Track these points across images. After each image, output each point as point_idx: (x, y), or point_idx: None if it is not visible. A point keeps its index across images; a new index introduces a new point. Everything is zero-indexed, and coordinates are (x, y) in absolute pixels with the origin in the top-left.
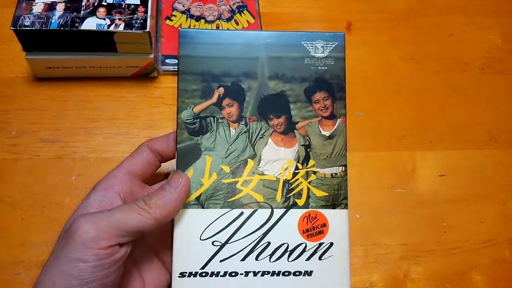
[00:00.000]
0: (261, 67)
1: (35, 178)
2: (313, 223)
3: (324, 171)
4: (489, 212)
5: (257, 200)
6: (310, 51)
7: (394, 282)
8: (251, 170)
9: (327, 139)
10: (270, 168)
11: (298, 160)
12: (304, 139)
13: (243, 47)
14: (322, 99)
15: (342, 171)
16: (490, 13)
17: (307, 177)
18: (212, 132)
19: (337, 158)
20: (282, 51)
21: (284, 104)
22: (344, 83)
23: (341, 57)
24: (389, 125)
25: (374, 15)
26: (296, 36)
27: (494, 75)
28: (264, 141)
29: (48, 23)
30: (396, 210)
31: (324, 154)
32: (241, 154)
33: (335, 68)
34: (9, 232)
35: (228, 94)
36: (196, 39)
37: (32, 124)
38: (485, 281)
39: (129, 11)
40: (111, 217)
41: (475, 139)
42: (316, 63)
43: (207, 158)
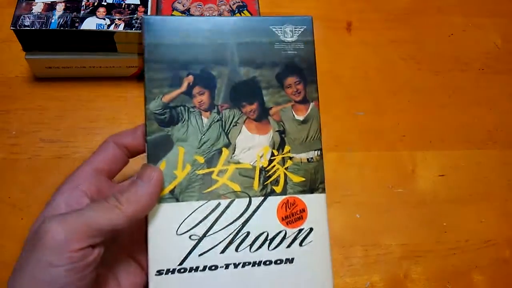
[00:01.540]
0: (231, 53)
1: (35, 178)
2: (292, 210)
3: (300, 156)
4: (489, 212)
5: (234, 189)
6: (280, 36)
7: (394, 282)
8: (226, 159)
9: (301, 124)
10: (246, 156)
11: (274, 146)
12: (278, 124)
13: (211, 34)
14: (294, 83)
15: (318, 155)
16: (490, 13)
17: (283, 163)
18: (183, 122)
19: (312, 142)
20: (251, 36)
21: (256, 90)
22: (314, 66)
23: (310, 41)
24: (389, 125)
25: (374, 15)
26: (264, 21)
27: (494, 75)
28: (238, 128)
29: (48, 23)
30: (396, 210)
31: (299, 139)
32: (215, 143)
33: (305, 52)
34: (9, 232)
35: (198, 82)
36: (162, 27)
37: (32, 124)
38: (485, 281)
39: (129, 11)
40: (81, 216)
41: (475, 139)
42: (286, 47)
43: (179, 149)
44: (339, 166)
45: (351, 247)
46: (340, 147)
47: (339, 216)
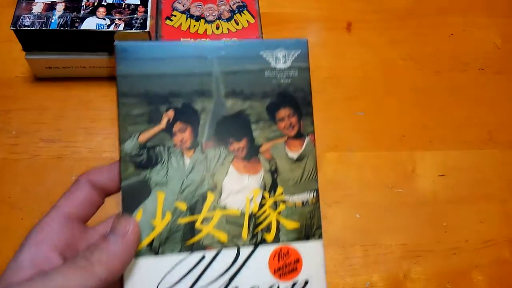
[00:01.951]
0: (216, 83)
1: (35, 178)
2: (285, 260)
3: (294, 198)
4: (489, 212)
5: (220, 239)
6: (271, 62)
7: (394, 282)
8: (212, 204)
9: (296, 162)
10: (233, 200)
11: (265, 188)
12: (269, 163)
13: (194, 61)
14: (287, 116)
15: (314, 197)
16: (490, 14)
17: (275, 207)
18: (163, 164)
19: (308, 183)
20: (238, 63)
21: (245, 125)
22: (310, 96)
23: (305, 67)
24: (389, 125)
25: (374, 15)
26: (253, 45)
27: (494, 75)
28: (224, 169)
29: (48, 23)
30: (396, 210)
31: (293, 179)
32: (199, 187)
33: (299, 80)
34: (9, 232)
35: (180, 117)
36: (137, 54)
37: (32, 124)
38: (485, 281)
39: (129, 11)
40: (47, 284)
41: (475, 139)
42: (278, 75)
43: (158, 195)
44: (339, 166)
45: (351, 247)
46: (340, 147)
47: (339, 216)
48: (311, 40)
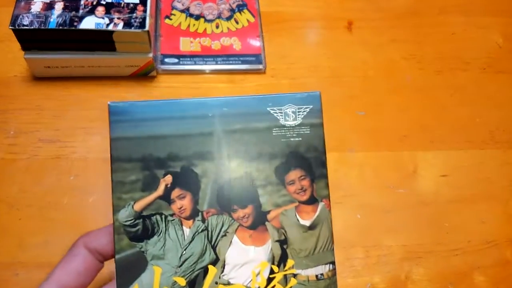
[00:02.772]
0: (218, 144)
1: (33, 178)
2: None
3: (307, 272)
4: (491, 212)
5: None
6: (279, 119)
7: (396, 283)
8: (214, 279)
9: (308, 230)
10: (238, 274)
11: (273, 261)
12: (278, 232)
13: (193, 120)
14: (298, 179)
15: (330, 270)
16: (492, 13)
17: (285, 283)
18: (160, 235)
19: (322, 254)
20: (243, 121)
21: (251, 189)
22: (324, 156)
23: (318, 124)
24: (390, 125)
25: (375, 14)
26: (259, 100)
27: (495, 75)
28: (228, 239)
29: (46, 22)
30: (398, 210)
31: (305, 250)
32: (200, 260)
33: (311, 137)
34: (7, 232)
35: (178, 183)
36: (132, 115)
37: (31, 124)
38: (488, 282)
39: (128, 10)
40: None
41: (476, 139)
42: (287, 133)
43: (155, 270)
44: (340, 166)
45: (352, 248)
46: (341, 147)
47: (340, 217)
48: (311, 40)
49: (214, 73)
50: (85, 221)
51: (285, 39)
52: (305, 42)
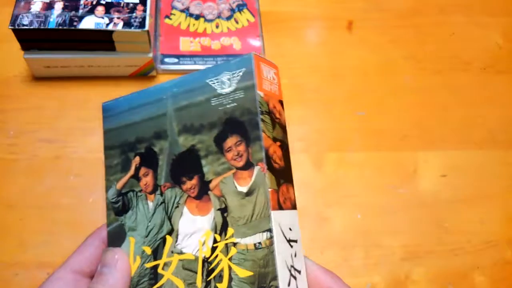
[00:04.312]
0: (170, 123)
1: (33, 178)
2: None
3: (245, 241)
4: (491, 212)
5: (178, 287)
6: (217, 89)
7: (396, 283)
8: (170, 249)
9: (245, 197)
10: (188, 244)
11: (216, 229)
12: (219, 201)
13: (153, 105)
14: (234, 145)
15: (268, 239)
16: (492, 13)
17: (227, 252)
18: (133, 209)
19: (260, 221)
20: (188, 97)
21: (195, 161)
22: (258, 117)
23: (250, 86)
24: (390, 125)
25: (375, 14)
26: (199, 75)
27: (495, 75)
28: (179, 211)
29: (46, 22)
30: (398, 210)
31: (243, 217)
32: (160, 231)
33: (245, 101)
34: (8, 232)
35: (143, 162)
36: (115, 109)
37: (31, 124)
38: (487, 282)
39: (128, 10)
40: None
41: (476, 139)
42: (224, 101)
43: (130, 240)
44: (340, 167)
45: (352, 248)
46: (341, 147)
47: (340, 217)
48: (311, 39)
49: None
50: (85, 221)
51: (285, 39)
52: (305, 42)
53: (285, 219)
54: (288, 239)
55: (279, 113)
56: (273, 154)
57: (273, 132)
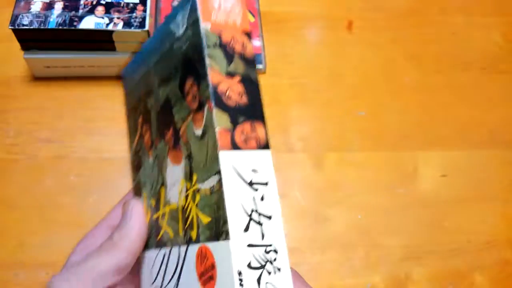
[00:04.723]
0: (153, 77)
1: (33, 178)
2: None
3: (204, 186)
4: (491, 212)
5: (170, 236)
6: (175, 32)
7: (396, 283)
8: (163, 200)
9: (201, 139)
10: (172, 194)
11: (186, 177)
12: (186, 147)
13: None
14: (190, 87)
15: (217, 182)
16: (492, 13)
17: (194, 199)
18: (143, 166)
19: (212, 164)
20: (160, 48)
21: (169, 111)
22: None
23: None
24: (390, 125)
25: (375, 14)
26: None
27: (496, 75)
28: (166, 162)
29: (46, 22)
30: (398, 210)
31: (202, 161)
32: (157, 183)
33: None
34: (8, 232)
35: (144, 121)
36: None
37: (31, 124)
38: (487, 282)
39: (128, 10)
40: (83, 267)
41: (476, 139)
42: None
43: (144, 195)
44: (340, 167)
45: (352, 248)
46: (341, 147)
47: (340, 217)
48: (311, 39)
49: None
50: (85, 221)
51: (285, 39)
52: (305, 42)
53: (244, 160)
54: (248, 181)
55: (242, 45)
56: (226, 91)
57: (229, 67)
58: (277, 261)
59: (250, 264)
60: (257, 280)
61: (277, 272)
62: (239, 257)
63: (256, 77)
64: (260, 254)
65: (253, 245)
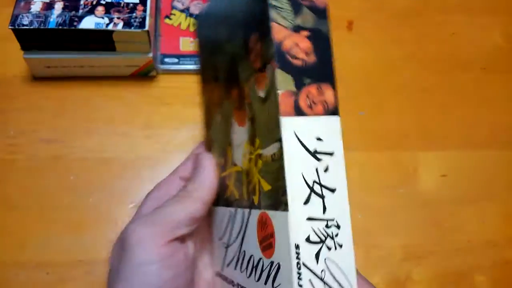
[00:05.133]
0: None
1: (33, 178)
2: (265, 231)
3: (266, 152)
4: (491, 213)
5: (235, 197)
6: None
7: (396, 283)
8: (231, 160)
9: (264, 102)
10: (238, 156)
11: (249, 140)
12: (250, 109)
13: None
14: (254, 44)
15: (279, 150)
16: (492, 12)
17: (256, 164)
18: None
19: (273, 129)
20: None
21: (235, 69)
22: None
23: None
24: (391, 125)
25: (376, 14)
26: None
27: (496, 75)
28: (231, 122)
29: (46, 22)
30: (398, 211)
31: (264, 126)
32: (224, 143)
33: None
34: (8, 232)
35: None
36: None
37: (31, 124)
38: (487, 282)
39: (128, 10)
40: (160, 214)
41: (477, 139)
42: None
43: (213, 152)
44: None
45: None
46: None
47: None
48: None
49: None
50: (85, 221)
51: None
52: None
53: (308, 127)
54: (312, 150)
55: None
56: (292, 48)
57: (296, 20)
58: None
59: (309, 238)
60: (315, 255)
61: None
62: (297, 230)
63: (327, 31)
64: (320, 228)
65: (313, 219)
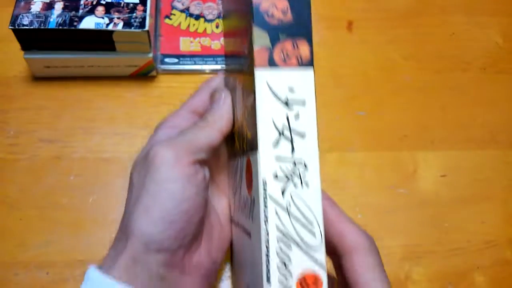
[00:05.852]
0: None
1: (33, 178)
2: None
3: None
4: (491, 212)
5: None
6: None
7: (396, 283)
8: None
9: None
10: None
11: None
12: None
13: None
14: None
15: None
16: (492, 12)
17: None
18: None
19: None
20: None
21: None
22: None
23: None
24: (390, 125)
25: (376, 14)
26: None
27: (496, 75)
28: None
29: (46, 22)
30: (397, 210)
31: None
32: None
33: None
34: (8, 232)
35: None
36: None
37: (30, 124)
38: (487, 282)
39: (128, 10)
40: (182, 138)
41: (476, 139)
42: None
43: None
44: (340, 166)
45: None
46: (341, 147)
47: None
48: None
49: (214, 73)
50: (85, 221)
51: None
52: None
53: (281, 78)
54: (283, 99)
55: None
56: (269, 8)
57: None
58: (306, 176)
59: (276, 174)
60: (281, 189)
61: (304, 186)
62: (264, 167)
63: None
64: (288, 167)
65: (281, 159)
